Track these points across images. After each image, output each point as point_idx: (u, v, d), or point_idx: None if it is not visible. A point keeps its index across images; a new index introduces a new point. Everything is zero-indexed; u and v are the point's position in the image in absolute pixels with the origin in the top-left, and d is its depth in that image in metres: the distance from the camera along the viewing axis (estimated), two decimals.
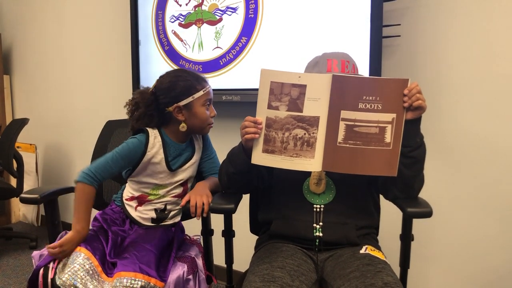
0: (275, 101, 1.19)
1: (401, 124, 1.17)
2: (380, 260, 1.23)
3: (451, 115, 1.73)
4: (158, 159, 1.43)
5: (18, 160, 2.86)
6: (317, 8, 1.86)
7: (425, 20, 1.74)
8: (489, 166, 1.67)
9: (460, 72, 1.70)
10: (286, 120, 1.19)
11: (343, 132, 1.18)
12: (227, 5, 2.11)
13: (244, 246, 1.63)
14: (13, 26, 3.51)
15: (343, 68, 1.29)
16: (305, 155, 1.20)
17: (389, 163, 1.19)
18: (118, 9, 2.68)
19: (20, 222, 3.58)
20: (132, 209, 1.47)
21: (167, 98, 1.41)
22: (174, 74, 1.44)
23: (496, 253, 1.69)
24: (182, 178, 1.47)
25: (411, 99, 1.14)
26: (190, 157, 1.50)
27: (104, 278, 1.22)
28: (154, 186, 1.46)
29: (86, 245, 1.28)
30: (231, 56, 2.12)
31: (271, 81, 1.17)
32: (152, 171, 1.44)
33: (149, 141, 1.42)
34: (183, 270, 1.33)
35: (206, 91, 1.43)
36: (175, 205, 1.49)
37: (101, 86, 2.87)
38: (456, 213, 1.75)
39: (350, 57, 1.33)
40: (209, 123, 1.47)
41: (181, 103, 1.40)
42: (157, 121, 1.45)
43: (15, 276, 2.54)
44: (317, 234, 1.28)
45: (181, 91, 1.40)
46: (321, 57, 1.33)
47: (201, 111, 1.42)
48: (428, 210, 1.25)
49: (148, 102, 1.43)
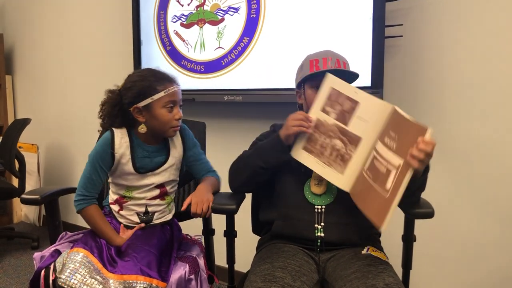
0: (328, 106, 1.23)
1: (403, 175, 1.03)
2: (382, 261, 1.23)
3: (453, 116, 1.72)
4: (126, 159, 1.40)
5: (20, 160, 2.86)
6: (319, 8, 1.85)
7: (428, 21, 1.74)
8: (491, 167, 1.67)
9: (462, 73, 1.69)
10: (331, 127, 1.23)
11: (369, 161, 1.16)
12: (229, 5, 2.11)
13: (245, 247, 1.63)
14: (16, 26, 3.52)
15: (325, 65, 1.28)
16: (336, 167, 1.23)
17: (378, 212, 1.08)
18: (120, 9, 2.69)
19: (22, 222, 3.58)
20: (117, 214, 1.46)
21: (128, 99, 1.37)
22: (138, 74, 1.40)
23: (499, 255, 1.69)
24: (154, 182, 1.43)
25: (423, 150, 1.00)
26: (163, 161, 1.45)
27: (105, 273, 1.20)
28: (126, 188, 1.43)
29: (84, 245, 1.27)
30: (233, 56, 2.12)
31: (332, 87, 1.22)
32: (121, 172, 1.41)
33: (115, 141, 1.39)
34: (185, 270, 1.32)
35: (168, 92, 1.35)
36: (157, 206, 1.45)
37: (103, 86, 2.84)
38: (459, 214, 1.75)
39: (333, 53, 1.33)
40: (172, 126, 1.38)
41: (140, 104, 1.35)
42: (120, 122, 1.41)
43: (17, 276, 2.54)
44: (319, 234, 1.28)
45: (139, 91, 1.35)
46: (304, 60, 1.36)
47: (161, 113, 1.35)
48: (430, 211, 1.25)
49: (114, 102, 1.40)
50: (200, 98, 2.22)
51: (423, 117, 1.77)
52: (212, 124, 1.72)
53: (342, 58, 1.32)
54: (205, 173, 1.52)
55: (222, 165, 1.63)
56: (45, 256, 1.31)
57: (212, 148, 1.68)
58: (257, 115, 2.19)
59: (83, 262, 1.20)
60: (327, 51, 1.34)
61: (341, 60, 1.31)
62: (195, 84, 2.27)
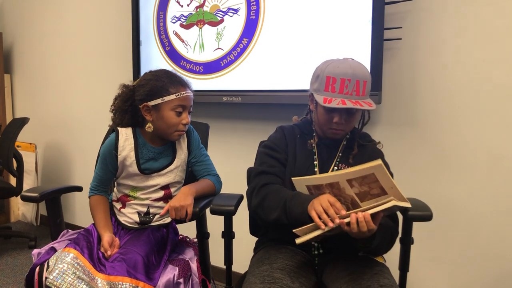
0: (357, 182, 1.12)
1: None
2: (378, 263, 1.23)
3: (450, 119, 1.73)
4: (129, 161, 1.42)
5: (18, 159, 2.86)
6: (319, 10, 1.86)
7: (427, 24, 1.74)
8: (490, 170, 1.67)
9: (460, 76, 1.70)
10: (345, 195, 1.15)
11: None
12: (228, 6, 2.11)
13: (242, 248, 1.63)
14: (15, 25, 3.51)
15: (341, 88, 1.20)
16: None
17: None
18: (119, 9, 2.69)
19: (19, 221, 3.57)
20: (117, 211, 1.48)
21: (140, 96, 1.39)
22: (153, 73, 1.43)
23: (497, 257, 1.69)
24: (159, 183, 1.45)
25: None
26: (168, 162, 1.46)
27: (94, 273, 1.20)
28: (131, 188, 1.46)
29: (75, 245, 1.28)
30: (232, 57, 2.12)
31: (374, 173, 1.10)
32: (126, 173, 1.44)
33: (119, 143, 1.42)
34: (174, 273, 1.31)
35: (179, 96, 1.38)
36: (159, 209, 1.47)
37: (101, 86, 2.87)
38: (456, 217, 1.75)
39: (353, 68, 1.20)
40: (177, 130, 1.40)
41: (150, 103, 1.37)
42: (129, 118, 1.43)
43: (14, 275, 2.53)
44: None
45: (151, 90, 1.37)
46: (322, 69, 1.25)
47: (169, 115, 1.38)
48: (428, 213, 1.25)
49: (126, 97, 1.42)
50: (199, 98, 2.22)
51: (421, 119, 1.78)
52: (211, 125, 1.72)
53: (362, 76, 1.21)
54: (205, 175, 1.53)
55: (220, 165, 1.64)
56: (42, 253, 1.32)
57: (210, 148, 1.68)
58: (256, 116, 2.19)
59: (72, 263, 1.20)
60: (346, 65, 1.21)
61: (361, 80, 1.20)
62: (194, 84, 2.23)
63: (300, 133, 1.39)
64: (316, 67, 1.31)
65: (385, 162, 1.36)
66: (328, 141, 1.35)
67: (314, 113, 1.34)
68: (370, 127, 1.79)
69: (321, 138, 1.35)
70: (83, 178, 2.95)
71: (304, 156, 1.34)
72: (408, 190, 1.34)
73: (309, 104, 1.37)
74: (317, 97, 1.23)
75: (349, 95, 1.20)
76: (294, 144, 1.37)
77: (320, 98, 1.22)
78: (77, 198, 3.09)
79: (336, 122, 1.25)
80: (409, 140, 1.82)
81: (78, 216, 3.13)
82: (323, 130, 1.32)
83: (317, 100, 1.23)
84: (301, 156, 1.34)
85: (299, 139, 1.38)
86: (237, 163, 2.11)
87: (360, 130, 1.37)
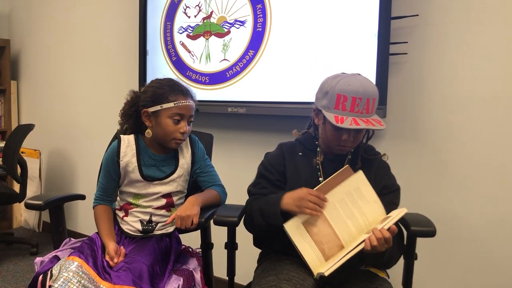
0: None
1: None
2: (379, 277, 1.24)
3: (455, 133, 1.73)
4: (131, 167, 1.44)
5: (22, 165, 2.86)
6: (325, 24, 1.87)
7: (432, 38, 1.75)
8: (494, 185, 1.67)
9: (466, 91, 1.70)
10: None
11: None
12: (235, 18, 2.13)
13: (245, 259, 1.62)
14: (22, 33, 3.55)
15: (352, 107, 1.19)
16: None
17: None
18: (126, 19, 2.71)
19: (22, 228, 3.57)
20: (120, 220, 1.49)
21: (143, 101, 1.43)
22: (158, 81, 1.47)
23: (500, 273, 1.68)
24: (161, 191, 1.46)
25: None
26: (171, 171, 1.48)
27: (99, 282, 1.20)
28: (133, 195, 1.47)
29: (79, 253, 1.28)
30: (238, 68, 2.14)
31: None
32: (128, 179, 1.46)
33: (121, 149, 1.45)
34: (178, 284, 1.31)
35: (177, 104, 1.39)
36: (161, 217, 1.47)
37: (107, 94, 2.89)
38: (460, 232, 1.74)
39: (364, 87, 1.19)
40: (174, 138, 1.41)
41: (150, 109, 1.41)
42: (133, 123, 1.48)
43: (15, 282, 2.53)
44: None
45: (152, 97, 1.41)
46: (331, 84, 1.22)
47: (167, 122, 1.39)
48: (432, 229, 1.25)
49: (132, 102, 1.47)
50: (204, 109, 2.23)
51: (427, 134, 1.78)
52: (215, 135, 1.74)
53: (372, 94, 1.20)
54: (210, 185, 1.53)
55: (224, 175, 1.64)
56: (45, 261, 1.32)
57: (215, 158, 1.69)
58: (260, 127, 2.20)
59: (77, 272, 1.20)
60: (357, 82, 1.19)
61: (371, 98, 1.20)
62: (200, 95, 2.25)
63: (302, 149, 1.37)
64: (322, 82, 1.29)
65: (391, 174, 1.37)
66: (333, 156, 1.35)
67: (321, 129, 1.32)
68: (375, 141, 1.79)
69: (326, 154, 1.35)
70: (87, 185, 2.95)
71: (309, 174, 1.33)
72: (413, 205, 1.34)
73: (314, 118, 1.35)
74: (327, 115, 1.21)
75: (359, 114, 1.19)
76: (294, 161, 1.36)
77: (331, 116, 1.20)
78: (80, 206, 3.08)
79: (345, 140, 1.24)
80: (414, 154, 1.82)
81: (80, 223, 3.13)
82: (330, 147, 1.31)
83: (328, 118, 1.20)
84: (305, 174, 1.33)
85: (301, 156, 1.36)
86: (241, 174, 2.11)
87: (365, 144, 1.37)
